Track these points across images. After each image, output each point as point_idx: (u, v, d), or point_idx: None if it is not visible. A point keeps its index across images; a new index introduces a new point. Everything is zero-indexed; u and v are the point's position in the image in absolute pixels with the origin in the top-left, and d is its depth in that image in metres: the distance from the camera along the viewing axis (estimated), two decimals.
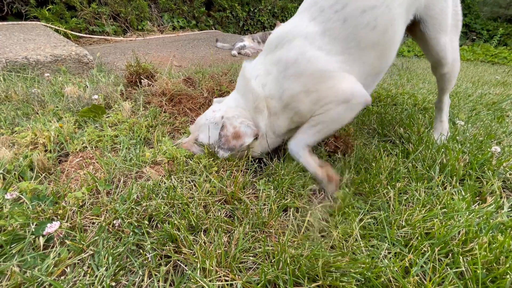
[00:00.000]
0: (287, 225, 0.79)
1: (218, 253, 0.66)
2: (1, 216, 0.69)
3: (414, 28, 1.15)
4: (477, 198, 0.94)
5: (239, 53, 3.84)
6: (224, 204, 0.84)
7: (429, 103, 1.85)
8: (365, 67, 1.03)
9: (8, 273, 0.57)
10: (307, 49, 0.97)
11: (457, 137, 1.28)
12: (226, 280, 0.61)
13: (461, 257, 0.66)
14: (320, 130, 1.00)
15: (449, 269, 0.63)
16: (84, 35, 4.21)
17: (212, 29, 5.93)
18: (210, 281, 0.60)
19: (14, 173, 0.85)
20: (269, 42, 1.08)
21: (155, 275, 0.63)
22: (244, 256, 0.68)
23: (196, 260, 0.64)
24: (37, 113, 1.32)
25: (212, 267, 0.62)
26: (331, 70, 0.97)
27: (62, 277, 0.59)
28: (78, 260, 0.64)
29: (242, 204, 0.83)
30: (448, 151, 1.11)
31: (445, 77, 1.24)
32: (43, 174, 0.89)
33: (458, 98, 2.00)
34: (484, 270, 0.64)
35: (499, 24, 6.56)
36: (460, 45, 6.02)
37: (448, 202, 0.84)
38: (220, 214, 0.79)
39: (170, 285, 0.62)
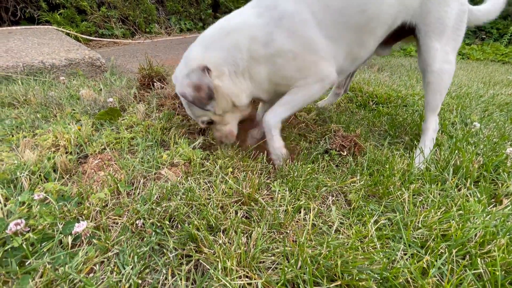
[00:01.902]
0: (301, 225, 0.80)
1: (238, 253, 0.68)
2: (30, 216, 0.72)
3: (414, 34, 1.17)
4: (493, 200, 0.94)
5: None
6: (240, 205, 0.86)
7: None
8: (346, 48, 1.08)
9: (40, 270, 0.60)
10: (303, 9, 0.98)
11: (469, 139, 1.28)
12: (246, 279, 0.63)
13: (479, 259, 0.66)
14: (296, 104, 1.07)
15: (467, 270, 0.64)
16: (94, 38, 4.30)
17: None
18: (231, 280, 0.62)
19: (40, 174, 0.89)
20: None
21: (178, 273, 0.65)
22: (263, 256, 0.69)
23: (217, 259, 0.66)
24: (55, 116, 1.37)
25: (233, 266, 0.64)
26: (318, 45, 1.00)
27: (91, 275, 0.62)
28: (104, 258, 0.66)
29: (258, 205, 0.85)
30: (462, 153, 1.10)
31: (429, 87, 1.17)
32: (67, 176, 0.93)
33: (470, 99, 1.99)
34: (503, 272, 0.64)
35: (509, 23, 6.45)
36: (469, 44, 5.93)
37: (464, 204, 0.85)
38: (238, 215, 0.81)
39: (192, 283, 0.64)
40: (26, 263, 0.62)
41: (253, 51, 0.99)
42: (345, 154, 1.16)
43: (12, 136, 1.14)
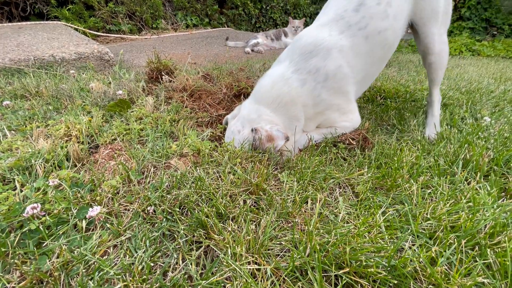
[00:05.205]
0: (309, 215, 0.81)
1: (247, 239, 0.69)
2: (46, 201, 0.74)
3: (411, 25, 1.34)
4: (503, 194, 0.93)
5: (252, 50, 3.85)
6: (248, 195, 0.87)
7: (449, 99, 1.82)
8: (368, 79, 1.31)
9: (57, 251, 0.62)
10: (342, 63, 1.13)
11: (480, 133, 1.26)
12: (255, 265, 0.64)
13: (488, 250, 0.66)
14: (329, 136, 1.25)
15: (477, 260, 0.64)
16: (102, 34, 4.34)
17: (225, 27, 5.97)
18: (241, 265, 0.63)
19: (53, 162, 0.91)
20: (301, 48, 1.15)
21: (188, 258, 0.66)
22: (271, 243, 0.70)
23: (227, 245, 0.67)
24: (67, 108, 1.39)
25: (242, 252, 0.65)
26: (352, 95, 1.22)
27: (105, 257, 0.64)
28: (117, 242, 0.68)
29: (266, 194, 0.86)
30: (472, 146, 1.09)
31: (432, 67, 1.34)
32: (79, 164, 0.95)
33: (480, 94, 1.95)
34: None
35: None
36: (480, 41, 5.80)
37: (473, 196, 0.84)
38: (247, 203, 0.82)
39: (202, 268, 0.66)
40: (43, 245, 0.64)
41: (307, 114, 1.16)
42: (354, 145, 1.17)
43: (26, 126, 1.17)
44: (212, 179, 0.90)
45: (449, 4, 1.32)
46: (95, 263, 0.60)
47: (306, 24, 4.36)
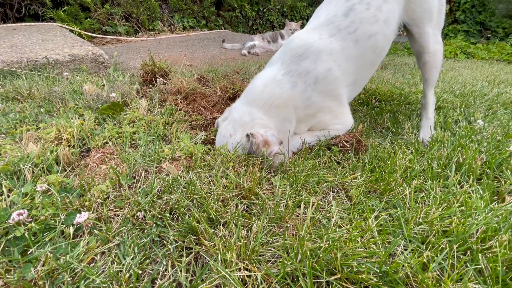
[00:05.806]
0: (301, 219, 0.80)
1: (238, 245, 0.68)
2: (33, 206, 0.73)
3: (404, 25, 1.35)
4: (495, 197, 0.93)
5: (248, 52, 3.86)
6: (241, 199, 0.86)
7: (443, 102, 1.83)
8: (360, 83, 1.31)
9: (42, 259, 0.61)
10: (332, 65, 1.13)
11: (473, 136, 1.26)
12: (246, 272, 0.63)
13: (480, 255, 0.66)
14: (322, 138, 1.24)
15: (468, 265, 0.64)
16: (97, 35, 4.32)
17: (222, 29, 5.97)
18: (231, 272, 0.62)
19: (42, 167, 0.89)
20: (292, 51, 1.15)
21: (178, 265, 0.65)
22: (263, 249, 0.69)
23: (217, 251, 0.66)
24: (59, 110, 1.38)
25: (232, 259, 0.64)
26: (344, 98, 1.22)
27: (92, 264, 0.62)
28: (105, 249, 0.67)
29: (259, 199, 0.85)
30: (465, 150, 1.09)
31: (427, 66, 1.34)
32: (69, 168, 0.94)
33: (474, 97, 1.97)
34: (504, 268, 0.64)
35: None
36: (475, 44, 5.86)
37: (466, 200, 0.84)
38: (238, 208, 0.81)
39: (192, 275, 0.65)
40: (28, 252, 0.63)
41: (298, 116, 1.16)
42: (347, 147, 1.17)
43: (16, 129, 1.15)
44: (204, 183, 0.89)
45: (443, 4, 1.33)
46: (82, 271, 0.59)
47: (302, 27, 4.38)
